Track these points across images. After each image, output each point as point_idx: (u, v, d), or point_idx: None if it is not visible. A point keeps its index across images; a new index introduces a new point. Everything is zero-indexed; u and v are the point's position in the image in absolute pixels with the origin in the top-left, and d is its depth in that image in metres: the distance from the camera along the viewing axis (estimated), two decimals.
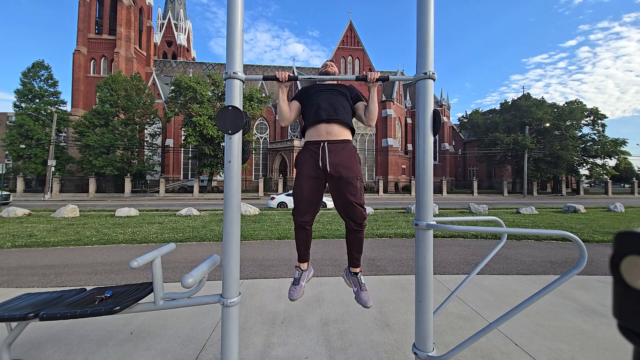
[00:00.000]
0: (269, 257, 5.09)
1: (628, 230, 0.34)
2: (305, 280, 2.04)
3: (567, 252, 5.39)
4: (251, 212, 11.39)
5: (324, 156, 1.84)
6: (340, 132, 1.90)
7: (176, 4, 63.68)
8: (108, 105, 29.62)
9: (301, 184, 1.89)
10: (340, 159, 1.84)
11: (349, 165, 1.85)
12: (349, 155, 1.88)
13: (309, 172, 1.88)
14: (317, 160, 1.85)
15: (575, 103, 37.74)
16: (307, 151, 1.93)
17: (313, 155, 1.88)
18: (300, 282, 2.00)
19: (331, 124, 1.88)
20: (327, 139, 1.87)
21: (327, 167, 1.83)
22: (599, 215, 11.64)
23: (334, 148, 1.86)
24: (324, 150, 1.85)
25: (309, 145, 1.93)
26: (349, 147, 1.91)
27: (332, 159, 1.84)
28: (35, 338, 2.36)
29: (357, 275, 2.02)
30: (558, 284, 0.99)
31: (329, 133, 1.88)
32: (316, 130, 1.90)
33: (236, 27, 1.48)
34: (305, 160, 1.91)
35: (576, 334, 2.43)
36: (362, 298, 1.92)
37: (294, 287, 1.98)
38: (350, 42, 38.90)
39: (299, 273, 2.04)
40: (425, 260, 1.36)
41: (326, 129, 1.88)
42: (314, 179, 1.88)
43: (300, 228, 1.97)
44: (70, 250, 5.65)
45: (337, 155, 1.85)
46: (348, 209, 1.86)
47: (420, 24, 1.42)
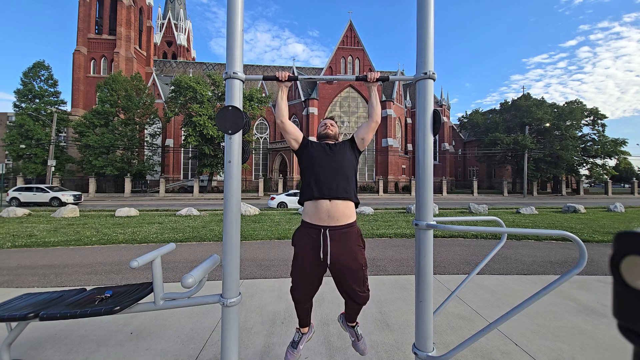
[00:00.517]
0: (269, 257, 5.09)
1: (628, 230, 0.34)
2: (304, 343, 1.94)
3: (567, 252, 5.39)
4: (251, 212, 11.39)
5: (325, 246, 1.66)
6: (343, 213, 1.71)
7: (176, 4, 63.66)
8: (108, 105, 29.61)
9: (299, 270, 1.76)
10: (343, 250, 1.68)
11: (353, 256, 1.70)
12: (352, 243, 1.72)
13: (309, 261, 1.73)
14: (317, 251, 1.69)
15: (575, 103, 37.73)
16: (306, 236, 1.74)
17: (313, 242, 1.70)
18: (299, 346, 1.89)
19: (334, 202, 1.70)
20: (328, 224, 1.68)
21: (328, 259, 1.67)
22: (599, 215, 11.64)
23: (337, 236, 1.68)
24: (325, 239, 1.67)
25: (308, 229, 1.74)
26: (352, 232, 1.73)
27: (334, 250, 1.67)
28: (35, 338, 2.36)
29: (354, 328, 2.01)
30: (558, 284, 0.99)
31: (330, 217, 1.68)
32: (316, 209, 1.71)
33: (236, 27, 1.48)
34: (304, 245, 1.74)
35: (576, 334, 2.43)
36: (359, 347, 1.97)
37: (291, 349, 1.87)
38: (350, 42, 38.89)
39: (298, 336, 1.93)
40: (425, 260, 1.36)
41: (328, 211, 1.69)
42: (314, 266, 1.74)
43: (299, 305, 1.89)
44: (70, 250, 5.65)
45: (339, 245, 1.68)
46: (352, 295, 1.80)
47: (420, 24, 1.42)
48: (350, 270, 1.71)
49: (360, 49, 38.86)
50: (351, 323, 2.01)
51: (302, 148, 1.88)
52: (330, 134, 1.98)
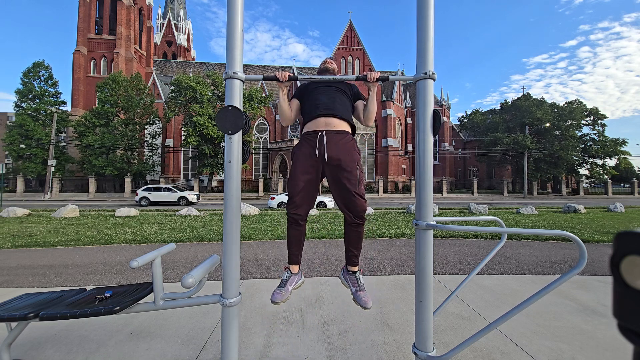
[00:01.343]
0: (269, 257, 5.09)
1: (628, 230, 0.34)
2: (293, 285, 1.85)
3: (567, 252, 5.39)
4: (251, 212, 11.39)
5: (322, 145, 1.76)
6: (339, 124, 1.83)
7: (176, 4, 63.67)
8: (108, 105, 29.63)
9: (297, 174, 1.80)
10: (338, 147, 1.77)
11: (347, 153, 1.77)
12: (348, 144, 1.80)
13: (306, 162, 1.79)
14: (314, 149, 1.77)
15: (575, 103, 37.74)
16: (304, 141, 1.84)
17: (310, 144, 1.80)
18: (287, 286, 1.81)
19: (330, 118, 1.82)
20: (325, 129, 1.80)
21: (324, 155, 1.75)
22: (599, 215, 11.64)
23: (333, 137, 1.78)
24: (321, 139, 1.77)
25: (306, 135, 1.85)
26: (348, 137, 1.84)
27: (330, 147, 1.76)
28: (35, 338, 2.36)
29: (356, 274, 1.89)
30: (558, 284, 0.99)
31: (327, 124, 1.81)
32: (315, 122, 1.84)
33: (236, 27, 1.48)
34: (301, 150, 1.83)
35: (576, 334, 2.43)
36: (361, 299, 1.76)
37: (279, 289, 1.79)
38: (350, 42, 38.90)
39: (287, 275, 1.87)
40: (425, 260, 1.36)
41: (325, 121, 1.81)
42: (311, 168, 1.79)
43: (293, 223, 1.86)
44: (70, 250, 5.65)
45: (335, 144, 1.77)
46: (347, 200, 1.77)
47: (420, 23, 1.42)
48: (343, 168, 1.76)
49: (360, 49, 38.86)
50: (352, 267, 1.91)
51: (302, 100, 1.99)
52: (330, 67, 2.10)
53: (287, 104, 1.90)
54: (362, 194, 1.79)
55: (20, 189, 29.02)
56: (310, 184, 1.82)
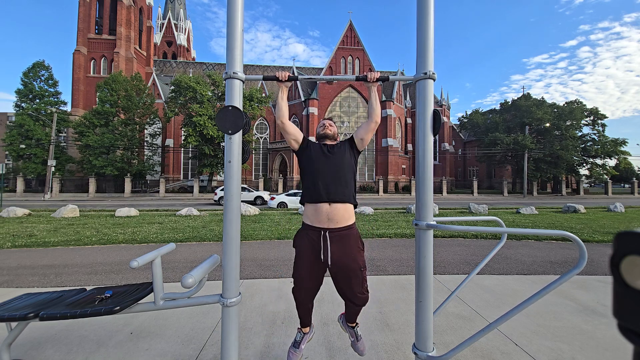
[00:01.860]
0: (269, 257, 5.09)
1: (628, 230, 0.34)
2: (305, 342, 1.96)
3: (567, 252, 5.39)
4: (251, 212, 11.39)
5: (326, 248, 1.72)
6: (343, 216, 1.76)
7: (176, 4, 63.66)
8: (108, 105, 29.61)
9: (301, 271, 1.80)
10: (343, 251, 1.73)
11: (352, 257, 1.75)
12: (352, 245, 1.77)
13: (310, 261, 1.78)
14: (318, 252, 1.75)
15: (575, 103, 37.73)
16: (306, 237, 1.79)
17: (313, 244, 1.76)
18: (301, 346, 1.92)
19: (333, 205, 1.74)
20: (328, 226, 1.74)
21: (328, 260, 1.73)
22: (599, 215, 11.64)
23: (336, 238, 1.73)
24: (325, 241, 1.73)
25: (308, 230, 1.79)
26: (352, 234, 1.79)
27: (334, 251, 1.72)
28: (35, 338, 2.36)
29: (354, 328, 2.01)
30: (558, 284, 0.99)
31: (330, 220, 1.73)
32: (316, 212, 1.76)
33: (236, 27, 1.48)
34: (305, 247, 1.79)
35: (576, 334, 2.43)
36: (358, 348, 1.98)
37: (293, 349, 1.90)
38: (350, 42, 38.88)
39: (300, 336, 1.96)
40: (425, 260, 1.36)
41: (327, 213, 1.73)
42: (315, 267, 1.79)
43: (301, 306, 1.90)
44: (70, 250, 5.65)
45: (339, 246, 1.73)
46: (350, 296, 1.83)
47: (420, 24, 1.42)
48: (349, 271, 1.75)
49: (360, 49, 38.85)
50: (351, 324, 2.02)
51: (302, 149, 1.90)
52: (329, 134, 1.99)
53: (286, 103, 1.89)
54: (365, 291, 1.85)
55: (20, 189, 29.02)
56: (315, 280, 1.84)
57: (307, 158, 1.86)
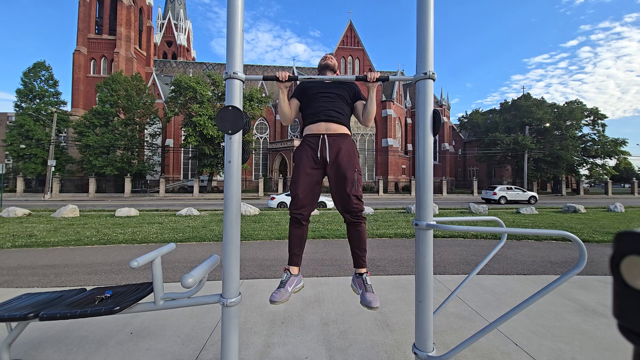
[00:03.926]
0: (269, 257, 5.09)
1: (628, 230, 0.34)
2: (292, 286, 1.83)
3: (567, 252, 5.39)
4: (251, 212, 11.39)
5: (324, 147, 1.87)
6: (339, 128, 1.93)
7: (176, 4, 63.66)
8: (108, 105, 29.62)
9: (300, 175, 1.88)
10: (339, 150, 1.87)
11: (348, 156, 1.87)
12: (348, 147, 1.90)
13: (308, 163, 1.88)
14: (316, 152, 1.88)
15: (575, 103, 37.74)
16: (305, 143, 1.94)
17: (312, 146, 1.90)
18: (287, 287, 1.79)
19: (330, 123, 1.92)
20: (326, 132, 1.91)
21: (326, 157, 1.85)
22: (599, 215, 11.64)
23: (334, 140, 1.89)
24: (323, 142, 1.88)
25: (307, 138, 1.95)
26: (348, 140, 1.94)
27: (331, 150, 1.87)
28: (35, 338, 2.36)
29: (362, 276, 1.86)
30: (558, 284, 0.99)
31: (328, 129, 1.91)
32: (316, 126, 1.93)
33: (236, 27, 1.48)
34: (304, 151, 1.92)
35: (576, 334, 2.43)
36: (366, 298, 1.72)
37: (278, 290, 1.76)
38: (351, 42, 38.89)
39: (287, 276, 1.86)
40: (425, 260, 1.36)
41: (325, 126, 1.91)
42: (313, 169, 1.89)
43: (296, 222, 1.90)
44: (70, 250, 5.65)
45: (336, 146, 1.88)
46: (344, 201, 1.86)
47: (420, 24, 1.42)
48: (345, 171, 1.85)
49: (360, 49, 38.86)
50: (359, 269, 1.90)
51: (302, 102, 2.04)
52: (330, 64, 2.11)
53: (287, 104, 1.92)
54: (359, 196, 1.88)
55: (20, 189, 29.01)
56: (312, 185, 1.90)
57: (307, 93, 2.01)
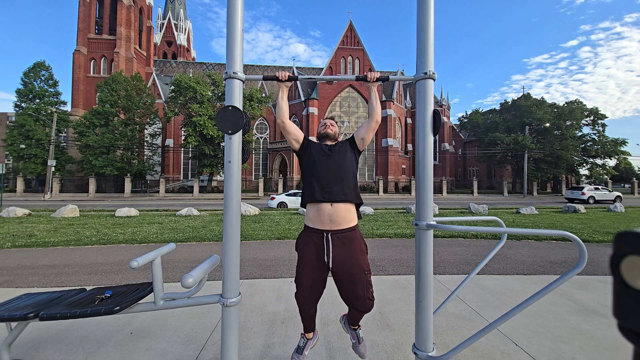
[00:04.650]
0: (269, 257, 5.08)
1: (628, 230, 0.34)
2: (309, 349, 1.91)
3: (567, 252, 5.39)
4: (251, 212, 11.39)
5: (328, 250, 1.71)
6: (345, 217, 1.74)
7: (176, 4, 63.65)
8: (108, 105, 29.61)
9: (303, 275, 1.77)
10: (345, 254, 1.71)
11: (355, 260, 1.72)
12: (355, 247, 1.74)
13: (312, 265, 1.75)
14: (321, 255, 1.73)
15: (575, 103, 37.73)
16: (309, 240, 1.77)
17: (316, 246, 1.74)
18: (304, 352, 1.88)
19: (335, 206, 1.73)
20: (330, 228, 1.72)
21: (330, 262, 1.72)
22: (599, 215, 11.64)
23: (339, 240, 1.72)
24: (327, 243, 1.71)
25: (311, 233, 1.77)
26: (354, 236, 1.76)
27: (336, 254, 1.71)
28: (35, 338, 2.36)
29: (356, 331, 1.98)
30: (558, 284, 0.99)
31: (332, 221, 1.72)
32: (318, 213, 1.74)
33: (236, 26, 1.48)
34: (307, 250, 1.77)
35: (576, 334, 2.43)
36: (359, 350, 1.95)
37: (296, 355, 1.87)
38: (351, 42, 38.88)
39: (304, 341, 1.91)
40: (425, 260, 1.36)
41: (329, 215, 1.72)
42: (318, 271, 1.76)
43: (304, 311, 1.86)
44: (70, 250, 5.65)
45: (342, 249, 1.72)
46: (354, 303, 1.78)
47: (420, 24, 1.42)
48: (352, 275, 1.72)
49: (360, 49, 38.85)
50: (353, 326, 1.99)
51: (302, 149, 1.89)
52: (330, 133, 1.98)
53: (286, 103, 1.90)
54: (371, 296, 1.78)
55: (20, 189, 29.00)
56: (318, 284, 1.80)
57: (308, 158, 1.85)
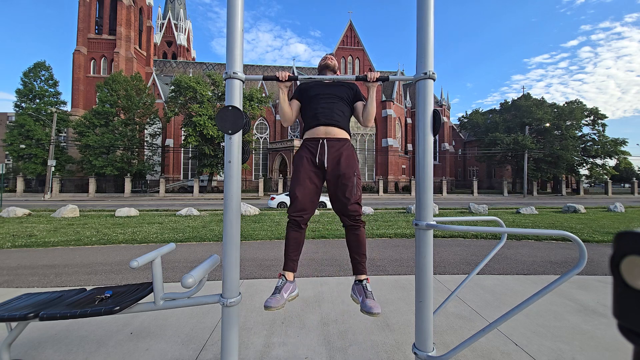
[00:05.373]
0: (269, 257, 5.09)
1: (628, 230, 0.34)
2: (287, 292, 1.76)
3: (567, 252, 5.39)
4: (251, 212, 11.39)
5: (323, 152, 1.87)
6: (338, 132, 1.93)
7: (176, 4, 63.67)
8: (108, 105, 29.63)
9: (299, 178, 1.88)
10: (338, 155, 1.87)
11: (347, 161, 1.87)
12: (347, 152, 1.90)
13: (308, 167, 1.88)
14: (315, 156, 1.88)
15: (575, 103, 37.75)
16: (305, 147, 1.94)
17: (311, 151, 1.90)
18: (282, 293, 1.72)
19: (330, 127, 1.92)
20: (326, 137, 1.90)
21: (324, 162, 1.85)
22: (599, 215, 11.64)
23: (333, 145, 1.89)
24: (322, 147, 1.88)
25: (307, 142, 1.95)
26: (347, 144, 1.94)
27: (330, 154, 1.86)
28: (35, 338, 2.36)
29: (362, 283, 1.79)
30: (558, 284, 0.99)
31: (327, 133, 1.91)
32: (315, 130, 1.93)
33: (236, 26, 1.48)
34: (303, 156, 1.92)
35: (576, 334, 2.43)
36: (367, 304, 1.64)
37: (273, 295, 1.69)
38: (351, 42, 38.89)
39: (282, 282, 1.79)
40: (425, 260, 1.36)
41: (325, 130, 1.91)
42: (313, 173, 1.88)
43: (294, 225, 1.85)
44: (70, 250, 5.65)
45: (335, 151, 1.88)
46: (342, 205, 1.85)
47: (420, 24, 1.42)
48: (344, 176, 1.84)
49: (360, 49, 38.86)
50: (359, 276, 1.84)
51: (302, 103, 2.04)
52: (330, 64, 2.10)
53: (287, 104, 1.92)
54: (358, 200, 1.87)
55: (20, 189, 29.01)
56: (312, 189, 1.89)
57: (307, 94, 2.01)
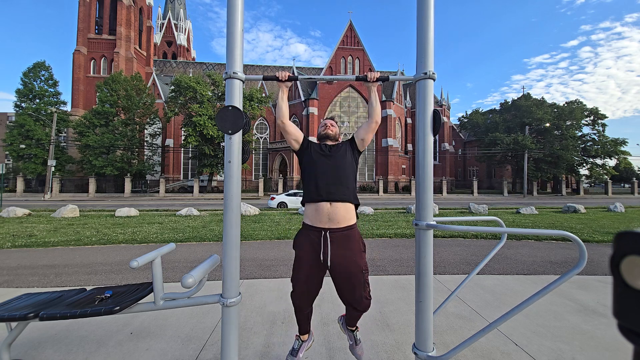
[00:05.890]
0: (269, 257, 5.09)
1: (628, 230, 0.34)
2: (304, 351, 1.90)
3: (567, 252, 5.39)
4: (251, 212, 11.39)
5: (326, 248, 1.70)
6: (344, 216, 1.73)
7: (176, 4, 63.66)
8: (108, 105, 29.62)
9: (300, 273, 1.77)
10: (344, 253, 1.70)
11: (353, 259, 1.72)
12: (353, 246, 1.74)
13: (309, 263, 1.75)
14: (318, 253, 1.72)
15: (575, 103, 37.73)
16: (307, 237, 1.77)
17: (314, 244, 1.73)
18: (299, 354, 1.86)
19: (334, 205, 1.72)
20: (329, 226, 1.71)
21: (328, 261, 1.70)
22: (599, 215, 11.64)
23: (337, 238, 1.71)
24: (325, 241, 1.70)
25: (309, 231, 1.77)
26: (353, 234, 1.76)
27: (334, 252, 1.69)
28: (35, 338, 2.36)
29: (354, 332, 1.97)
30: (558, 284, 0.98)
31: (331, 220, 1.71)
32: (317, 211, 1.73)
33: (236, 26, 1.48)
34: (305, 248, 1.76)
35: (576, 334, 2.43)
36: (356, 352, 1.95)
37: (290, 357, 1.87)
38: (351, 42, 38.88)
39: (298, 343, 1.90)
40: (425, 260, 1.36)
41: (328, 213, 1.71)
42: (315, 269, 1.76)
43: (299, 311, 1.86)
44: (70, 250, 5.65)
45: (340, 247, 1.70)
46: (351, 301, 1.79)
47: (420, 24, 1.42)
48: (350, 274, 1.72)
49: (360, 49, 38.85)
50: (351, 327, 1.97)
51: (302, 149, 1.89)
52: (331, 134, 1.98)
53: (286, 103, 1.89)
54: (368, 296, 1.79)
55: (20, 189, 29.00)
56: (314, 283, 1.80)
57: (307, 158, 1.85)
